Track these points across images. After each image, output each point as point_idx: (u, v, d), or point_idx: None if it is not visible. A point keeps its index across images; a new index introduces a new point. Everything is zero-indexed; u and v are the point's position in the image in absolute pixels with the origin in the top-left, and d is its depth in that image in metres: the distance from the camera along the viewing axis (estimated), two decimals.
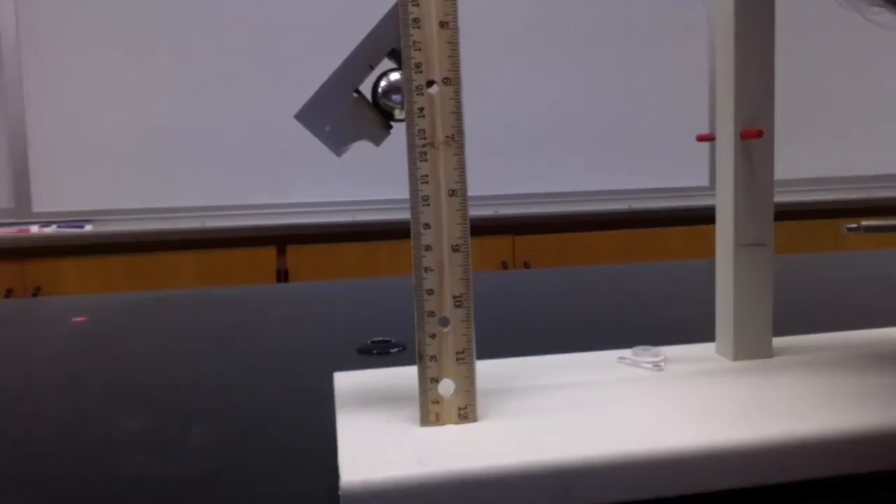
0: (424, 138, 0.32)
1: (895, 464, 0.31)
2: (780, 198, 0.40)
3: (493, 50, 2.09)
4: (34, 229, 1.92)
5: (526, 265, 2.05)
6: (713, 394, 0.36)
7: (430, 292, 0.32)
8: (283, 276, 1.97)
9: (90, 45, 1.95)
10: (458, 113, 0.32)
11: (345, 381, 0.38)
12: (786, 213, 1.99)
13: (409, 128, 0.32)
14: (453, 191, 0.32)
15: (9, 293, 1.84)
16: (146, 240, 1.92)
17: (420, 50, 0.32)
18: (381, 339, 0.56)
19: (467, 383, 0.32)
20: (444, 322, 0.32)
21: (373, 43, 0.33)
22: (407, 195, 0.32)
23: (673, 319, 0.62)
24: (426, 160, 0.32)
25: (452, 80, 0.32)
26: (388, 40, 0.33)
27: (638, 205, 2.17)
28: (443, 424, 0.32)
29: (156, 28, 1.98)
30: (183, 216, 1.99)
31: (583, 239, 2.11)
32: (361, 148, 0.35)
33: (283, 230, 1.98)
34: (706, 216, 0.42)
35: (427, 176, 0.32)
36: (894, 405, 0.33)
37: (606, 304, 0.69)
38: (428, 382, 0.32)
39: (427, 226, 0.32)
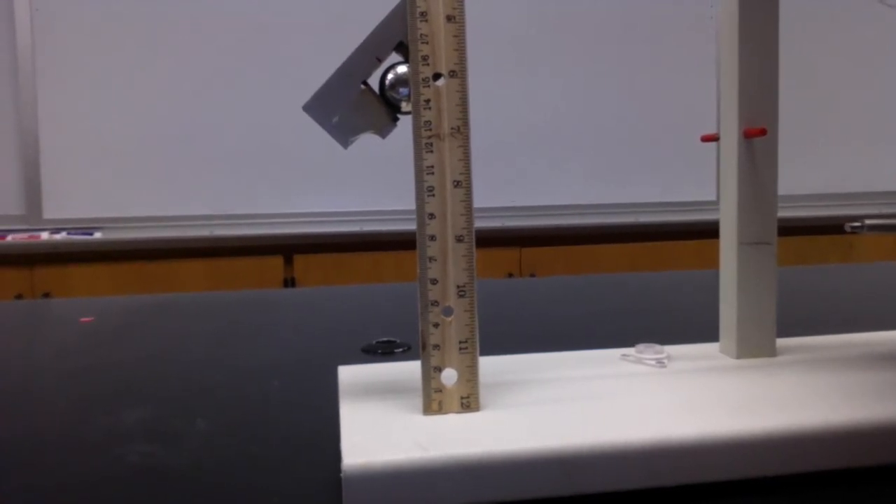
0: (430, 129, 0.32)
1: (895, 458, 0.31)
2: (789, 213, 0.40)
3: (499, 58, 2.10)
4: (44, 236, 1.94)
5: (532, 276, 2.05)
6: (715, 388, 0.36)
7: (434, 282, 0.32)
8: (290, 284, 1.97)
9: (102, 56, 1.98)
10: (463, 105, 0.33)
11: (349, 374, 0.39)
12: (795, 229, 1.98)
13: (415, 119, 0.32)
14: (458, 182, 0.32)
15: (18, 298, 1.85)
16: (154, 247, 1.93)
17: (427, 43, 0.32)
18: (385, 339, 0.57)
19: (470, 373, 0.33)
20: (448, 311, 0.33)
21: (380, 36, 0.33)
22: (413, 206, 0.32)
23: (678, 323, 0.62)
24: (432, 151, 0.32)
25: (459, 73, 0.33)
26: (396, 33, 0.33)
27: (646, 218, 2.17)
28: (445, 413, 0.32)
29: (167, 40, 2.00)
30: (191, 224, 2.00)
31: (590, 251, 2.11)
32: (368, 158, 0.35)
33: (291, 239, 1.99)
34: (714, 230, 0.42)
35: (432, 167, 0.32)
36: (895, 401, 0.33)
37: (611, 309, 0.69)
38: (431, 371, 0.32)
39: (431, 216, 0.32)
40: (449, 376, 0.33)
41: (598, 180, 2.20)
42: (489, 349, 0.37)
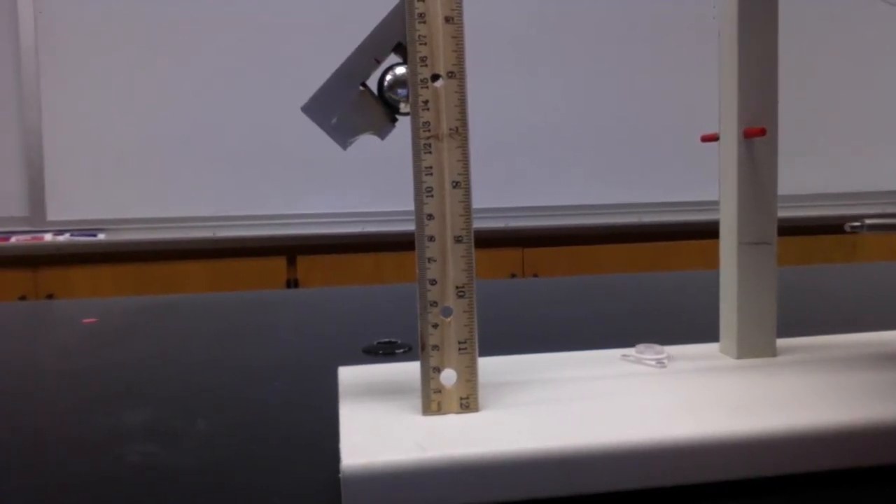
0: (429, 130, 0.32)
1: (895, 458, 0.31)
2: (791, 212, 0.40)
3: (499, 58, 2.10)
4: (48, 237, 1.94)
5: (535, 277, 2.05)
6: (715, 388, 0.36)
7: (433, 282, 0.32)
8: (292, 285, 1.98)
9: (105, 57, 1.98)
10: (462, 106, 0.33)
11: (349, 374, 0.39)
12: (797, 228, 1.98)
13: (413, 120, 0.32)
14: (457, 182, 0.33)
15: (22, 300, 1.85)
16: (157, 249, 1.94)
17: (426, 44, 0.32)
18: (387, 339, 0.57)
19: (469, 373, 0.33)
20: (447, 312, 0.33)
21: (379, 37, 0.33)
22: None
23: (678, 323, 0.62)
24: (430, 152, 0.32)
25: (457, 74, 0.33)
26: (394, 34, 0.33)
27: (649, 218, 2.16)
28: (444, 414, 0.32)
29: (169, 41, 2.00)
30: (194, 226, 2.00)
31: (593, 252, 2.11)
32: (370, 159, 0.35)
33: (294, 240, 1.99)
34: (717, 230, 0.42)
35: (431, 168, 0.32)
36: (894, 401, 0.33)
37: (610, 309, 0.69)
38: (430, 372, 0.32)
39: (430, 216, 0.32)
40: (448, 377, 0.33)
41: (599, 181, 2.19)
42: (489, 349, 0.37)
